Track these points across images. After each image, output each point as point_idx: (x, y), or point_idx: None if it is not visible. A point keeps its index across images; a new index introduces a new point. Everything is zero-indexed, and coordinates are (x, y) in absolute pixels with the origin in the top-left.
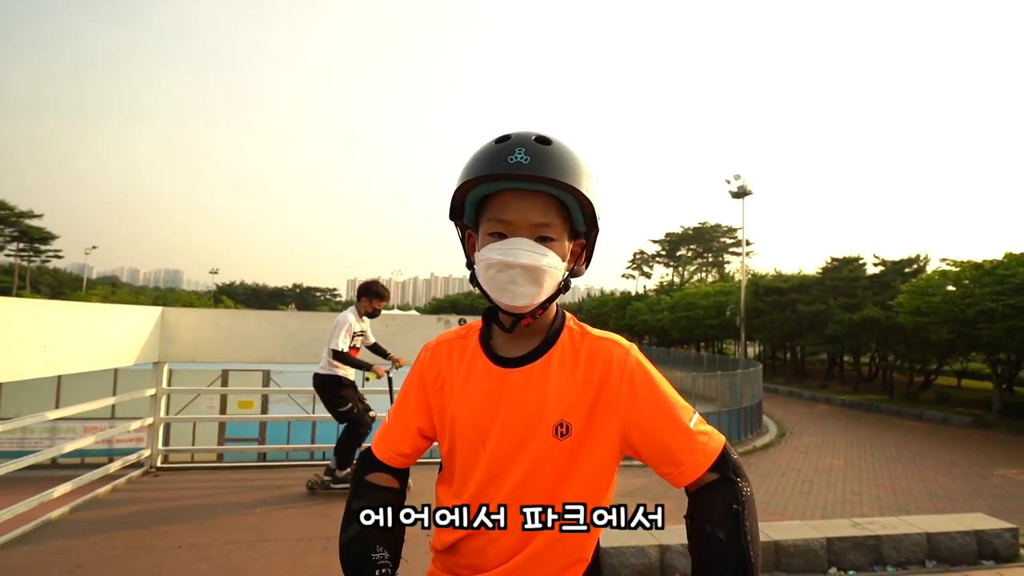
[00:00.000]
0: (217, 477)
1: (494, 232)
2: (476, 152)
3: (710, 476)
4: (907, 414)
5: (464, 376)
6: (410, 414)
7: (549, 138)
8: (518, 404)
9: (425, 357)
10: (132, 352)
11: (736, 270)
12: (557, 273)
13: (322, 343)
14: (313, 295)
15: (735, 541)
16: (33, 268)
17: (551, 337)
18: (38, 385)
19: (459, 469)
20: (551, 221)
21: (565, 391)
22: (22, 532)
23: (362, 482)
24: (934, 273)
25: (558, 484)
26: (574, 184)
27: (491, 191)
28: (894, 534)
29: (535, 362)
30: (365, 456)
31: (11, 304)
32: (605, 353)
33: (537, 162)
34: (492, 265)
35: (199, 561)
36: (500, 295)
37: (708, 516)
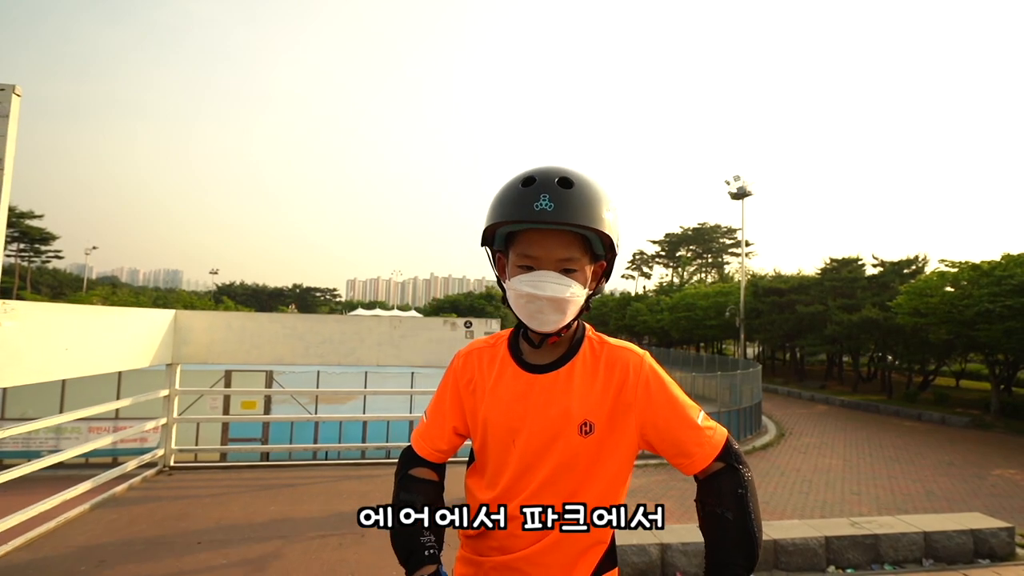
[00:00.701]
0: (228, 476)
1: (522, 264)
2: (504, 192)
3: (717, 465)
4: (905, 414)
5: (495, 381)
6: (446, 414)
7: (571, 179)
8: (545, 406)
9: (459, 363)
10: (147, 354)
11: (735, 271)
12: (579, 300)
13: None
14: (313, 295)
15: (741, 520)
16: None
17: (574, 346)
18: (43, 387)
19: (492, 464)
20: (573, 255)
21: (587, 394)
22: (46, 529)
23: (406, 476)
24: (932, 274)
25: (583, 478)
26: (594, 226)
27: (518, 229)
28: (892, 533)
29: (560, 368)
30: (407, 452)
31: (37, 308)
32: (623, 361)
33: (560, 209)
34: (522, 296)
35: (219, 557)
36: (529, 321)
37: (717, 500)
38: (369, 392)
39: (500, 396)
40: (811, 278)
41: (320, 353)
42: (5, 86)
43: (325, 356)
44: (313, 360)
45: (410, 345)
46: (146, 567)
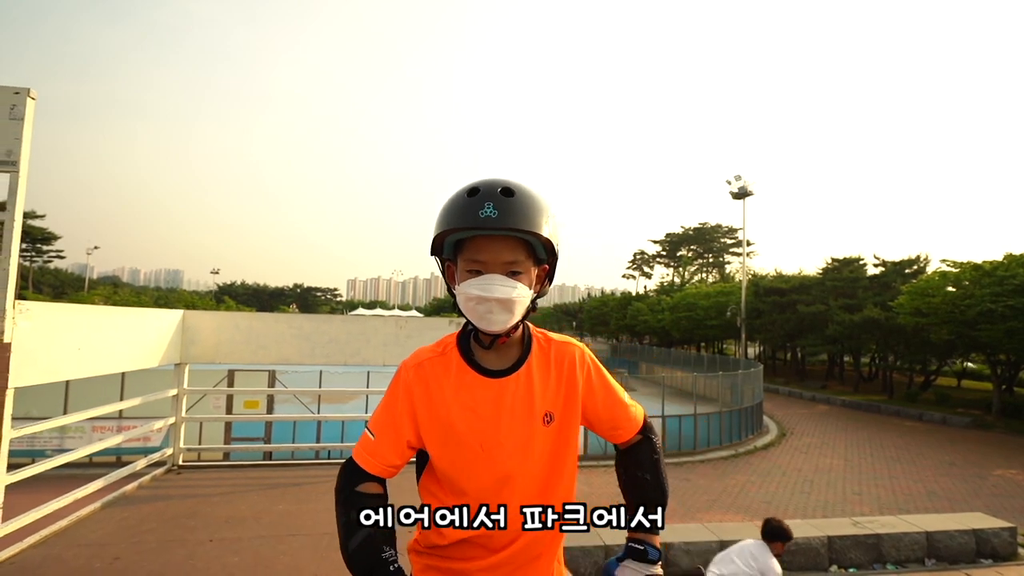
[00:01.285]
0: (236, 475)
1: (471, 270)
2: (450, 203)
3: (637, 437)
4: (907, 414)
5: (456, 389)
6: (400, 428)
7: (512, 189)
8: (516, 407)
9: (410, 375)
10: (157, 354)
11: (736, 270)
12: (526, 301)
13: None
14: (314, 295)
15: (656, 479)
16: (35, 268)
17: (526, 347)
18: (47, 388)
19: (456, 471)
20: (518, 258)
21: (546, 388)
22: (59, 527)
23: (353, 493)
24: (934, 274)
25: (550, 463)
26: (535, 231)
27: (465, 236)
28: (894, 533)
29: (520, 369)
30: (350, 469)
31: (51, 309)
32: (569, 354)
33: (503, 215)
34: (471, 298)
35: (230, 554)
36: (480, 322)
37: (638, 465)
38: (372, 392)
39: (466, 403)
40: (812, 278)
41: (326, 353)
42: (20, 89)
43: (331, 356)
44: (319, 360)
45: (416, 345)
46: (160, 564)
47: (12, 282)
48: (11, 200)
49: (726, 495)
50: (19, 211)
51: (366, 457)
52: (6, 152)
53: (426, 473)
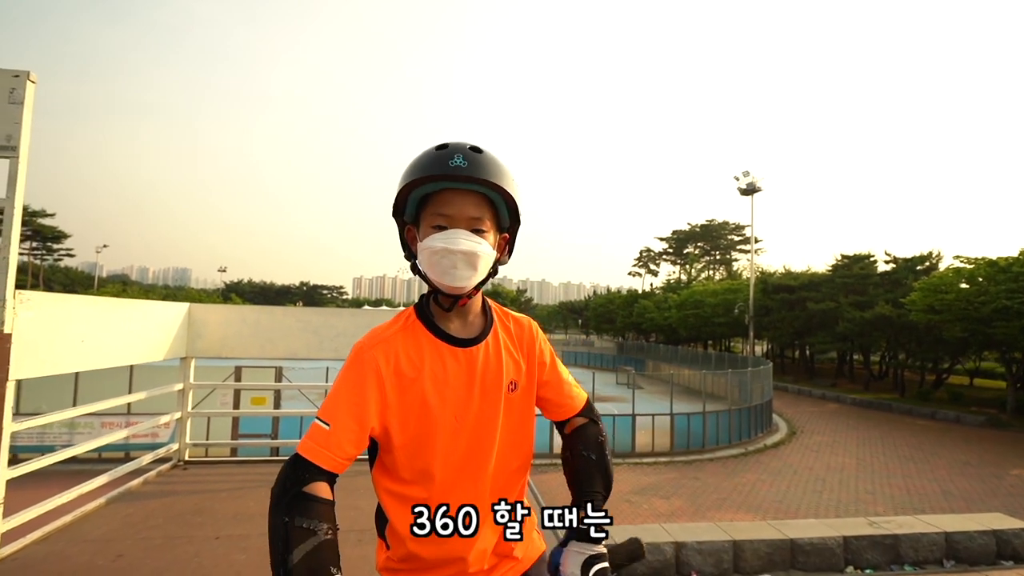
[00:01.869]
0: (243, 471)
1: (436, 225)
2: (418, 157)
3: (581, 420)
4: (919, 413)
5: (426, 362)
6: (363, 414)
7: (480, 148)
8: (486, 375)
9: (374, 355)
10: (162, 347)
11: (744, 268)
12: (489, 259)
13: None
14: (320, 293)
15: (602, 460)
16: (46, 267)
17: (488, 316)
18: (57, 382)
19: (428, 450)
20: (483, 215)
21: (510, 357)
22: (63, 523)
23: (300, 495)
24: (948, 270)
25: (515, 429)
26: (503, 185)
27: (432, 191)
28: (911, 533)
29: (487, 337)
30: (296, 466)
31: (53, 299)
32: (527, 325)
33: (473, 166)
34: (436, 252)
35: (237, 552)
36: (442, 277)
37: (584, 445)
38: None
39: (438, 376)
40: (822, 275)
41: (334, 347)
42: (20, 72)
43: (339, 350)
44: (327, 354)
45: None
46: (165, 561)
47: (12, 271)
48: (11, 187)
49: (736, 494)
50: (19, 198)
51: (318, 450)
52: (6, 137)
53: (381, 467)
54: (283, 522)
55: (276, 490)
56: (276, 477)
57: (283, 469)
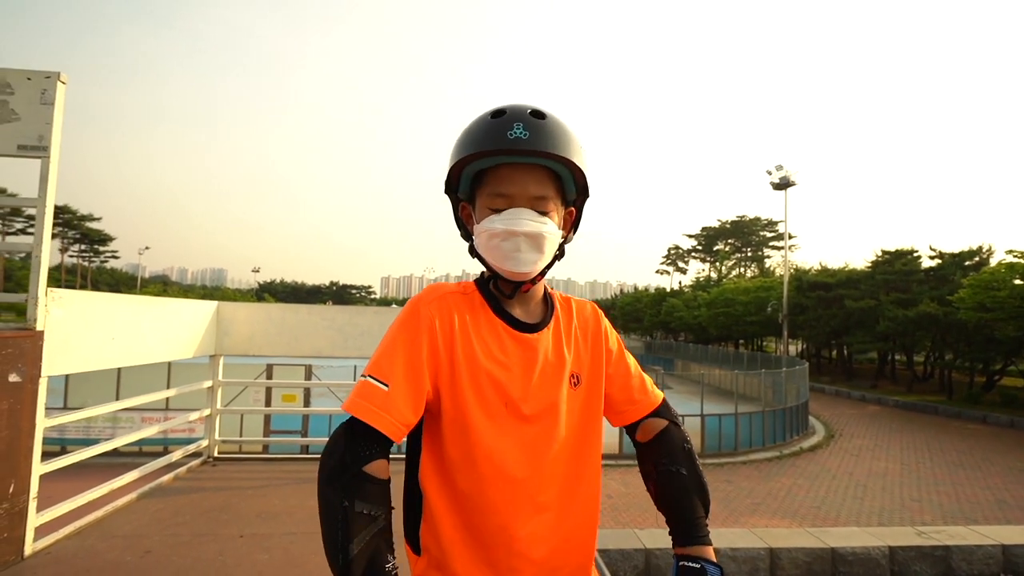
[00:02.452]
0: (270, 468)
1: (493, 207)
2: (471, 127)
3: (660, 423)
4: (969, 416)
5: (487, 340)
6: (419, 374)
7: (543, 112)
8: (546, 365)
9: (432, 309)
10: (191, 345)
11: (777, 264)
12: (556, 240)
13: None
14: (349, 293)
15: (694, 473)
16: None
17: (549, 301)
18: (101, 376)
19: (478, 433)
20: (547, 192)
21: (573, 347)
22: (95, 518)
23: (360, 476)
24: (1000, 266)
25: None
26: (570, 157)
27: (488, 165)
28: (964, 545)
29: (549, 324)
30: (356, 432)
31: (84, 297)
32: (593, 313)
33: (535, 137)
34: (496, 235)
35: (260, 551)
36: (503, 263)
37: (670, 458)
38: None
39: (494, 355)
40: (861, 271)
41: (359, 345)
42: (51, 73)
43: (364, 348)
44: (352, 352)
45: None
46: (190, 559)
47: (44, 269)
48: (42, 186)
49: (772, 498)
50: (51, 198)
51: (377, 413)
52: (37, 137)
53: (427, 447)
54: (341, 505)
55: (332, 463)
56: (329, 445)
57: (338, 438)
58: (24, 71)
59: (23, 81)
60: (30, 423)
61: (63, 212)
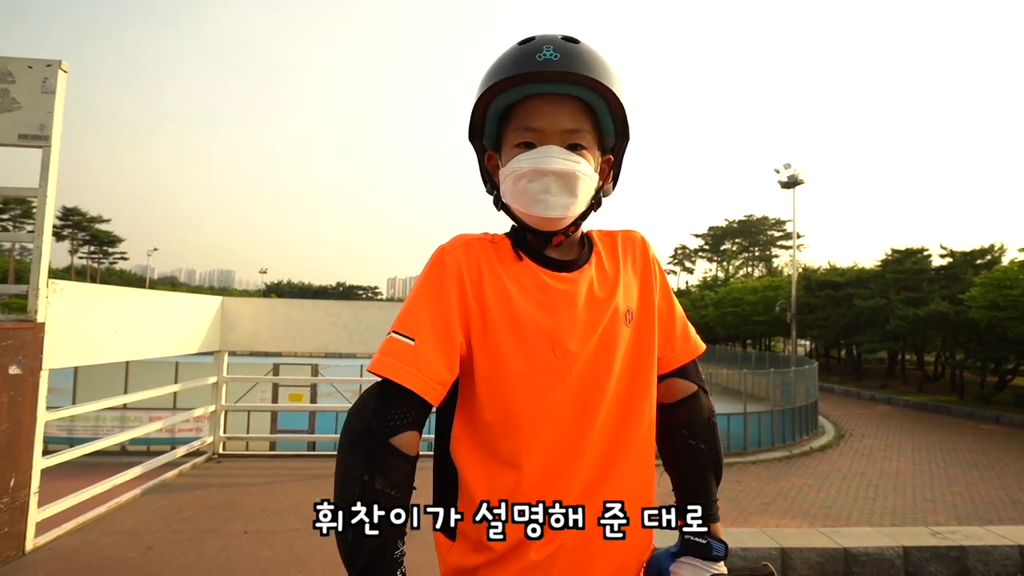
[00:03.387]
0: (275, 465)
1: (521, 142)
2: (498, 58)
3: (688, 386)
4: (981, 416)
5: (525, 280)
6: (452, 328)
7: (576, 38)
8: (596, 301)
9: (457, 256)
10: (196, 340)
11: (785, 264)
12: (591, 183)
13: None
14: (356, 293)
15: (713, 449)
16: (103, 269)
17: (587, 240)
18: (109, 375)
19: (522, 390)
20: (582, 127)
21: (624, 279)
22: (97, 514)
23: (387, 448)
24: (1012, 264)
25: (633, 375)
26: (606, 83)
27: (516, 99)
28: (981, 545)
29: (591, 260)
30: (388, 394)
31: (86, 290)
32: (640, 241)
33: (567, 59)
34: (523, 175)
35: (264, 548)
36: (532, 207)
37: (691, 430)
38: None
39: (533, 294)
40: (870, 270)
41: (364, 341)
42: (52, 62)
43: (369, 344)
44: (357, 348)
45: None
46: (193, 555)
47: (46, 260)
48: (44, 176)
49: (782, 498)
50: (52, 188)
51: (408, 371)
52: (39, 127)
53: (460, 414)
54: (361, 479)
55: (358, 427)
56: (357, 404)
57: (368, 398)
58: (25, 59)
59: (24, 70)
60: (31, 416)
61: (73, 214)
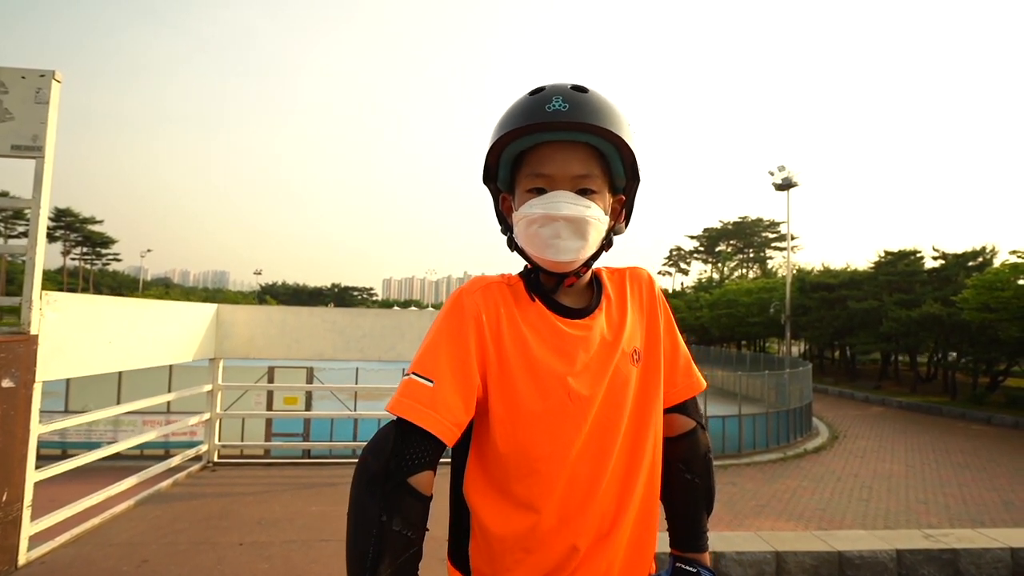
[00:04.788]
0: (271, 473)
1: (533, 188)
2: (510, 108)
3: (687, 422)
4: (973, 417)
5: (539, 326)
6: (470, 370)
7: (585, 87)
8: (606, 344)
9: (476, 300)
10: (190, 348)
11: (779, 265)
12: (601, 226)
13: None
14: (351, 295)
15: (707, 485)
16: (95, 271)
17: (596, 281)
18: (102, 378)
19: (537, 434)
20: (591, 172)
21: (631, 320)
22: (91, 525)
23: (404, 487)
24: (1004, 266)
25: (642, 412)
26: (615, 130)
27: (528, 146)
28: (973, 548)
29: (601, 304)
30: (406, 435)
31: (79, 300)
32: (645, 279)
33: (576, 110)
34: (534, 220)
35: (260, 560)
36: (543, 251)
37: (687, 465)
38: None
39: (548, 340)
40: (864, 272)
41: (360, 348)
42: (46, 72)
43: (365, 351)
44: (353, 355)
45: None
46: (187, 568)
47: (39, 272)
48: (37, 188)
49: (776, 500)
50: (45, 199)
51: (425, 413)
52: (32, 137)
53: (477, 460)
54: (379, 520)
55: (376, 466)
56: (375, 443)
57: (386, 436)
58: (18, 69)
59: (17, 80)
60: (24, 430)
61: (65, 215)
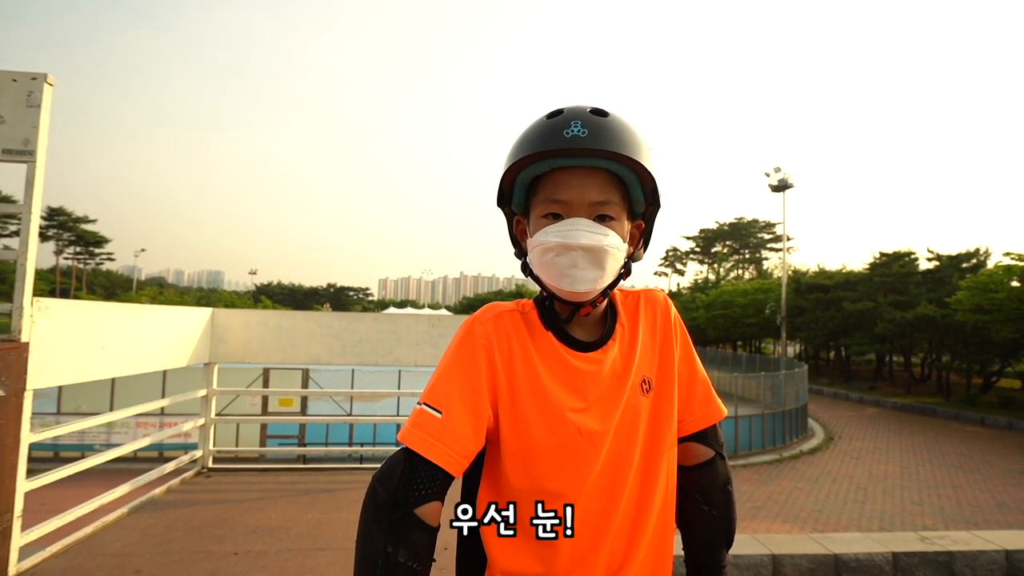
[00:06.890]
0: (266, 479)
1: (549, 214)
2: (526, 130)
3: (706, 452)
4: (967, 418)
5: (544, 357)
6: (481, 401)
7: (605, 111)
8: (616, 375)
9: (488, 329)
10: (185, 353)
11: (775, 267)
12: (620, 255)
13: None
14: (346, 295)
15: (726, 516)
16: (89, 270)
17: (611, 308)
18: (95, 382)
19: (548, 468)
20: (610, 199)
21: (643, 349)
22: (83, 535)
23: (410, 518)
24: (997, 268)
25: (650, 446)
26: (635, 157)
27: (544, 171)
28: (968, 550)
29: (615, 334)
30: (413, 466)
31: (71, 307)
32: (661, 304)
33: (595, 135)
34: (550, 249)
35: (255, 570)
36: (559, 281)
37: (704, 496)
38: (404, 393)
39: (559, 375)
40: (859, 273)
41: (357, 352)
42: (37, 75)
43: (362, 355)
44: (350, 359)
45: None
46: None
47: (30, 278)
48: (28, 192)
49: (772, 502)
50: (37, 204)
51: (433, 444)
52: (23, 141)
53: (489, 492)
54: (384, 550)
55: (383, 495)
56: (385, 470)
57: (396, 466)
58: (9, 72)
59: (8, 83)
60: (14, 439)
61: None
